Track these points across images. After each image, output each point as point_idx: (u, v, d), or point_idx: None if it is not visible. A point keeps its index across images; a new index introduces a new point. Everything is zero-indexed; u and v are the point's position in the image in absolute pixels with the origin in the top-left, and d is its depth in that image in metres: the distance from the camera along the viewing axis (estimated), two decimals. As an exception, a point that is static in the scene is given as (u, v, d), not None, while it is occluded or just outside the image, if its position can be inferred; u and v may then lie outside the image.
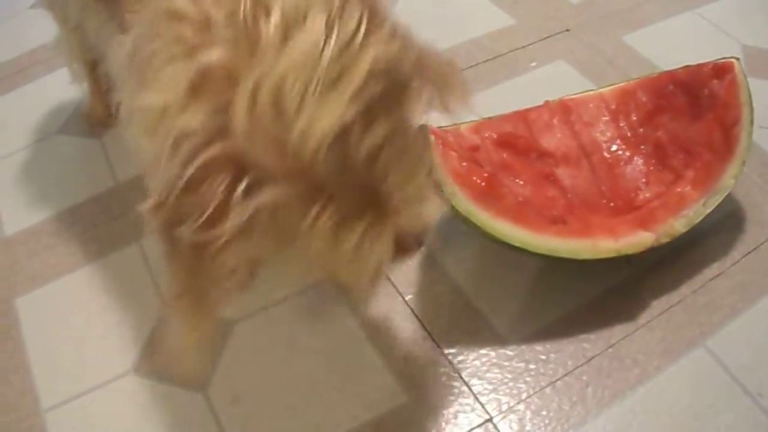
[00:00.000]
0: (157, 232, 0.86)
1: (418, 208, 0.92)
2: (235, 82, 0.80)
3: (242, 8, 0.83)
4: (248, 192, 0.81)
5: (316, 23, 0.82)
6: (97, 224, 1.66)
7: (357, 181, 0.84)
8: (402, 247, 1.00)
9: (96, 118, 1.89)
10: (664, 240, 1.40)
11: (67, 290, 1.55)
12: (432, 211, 0.94)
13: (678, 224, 1.40)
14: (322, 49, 0.80)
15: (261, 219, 0.82)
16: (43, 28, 1.79)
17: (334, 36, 0.82)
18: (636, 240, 1.39)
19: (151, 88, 0.86)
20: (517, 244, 1.36)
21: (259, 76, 0.79)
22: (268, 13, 0.82)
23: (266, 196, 0.81)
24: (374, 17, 0.86)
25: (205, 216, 0.81)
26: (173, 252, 0.87)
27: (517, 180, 1.48)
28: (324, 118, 0.79)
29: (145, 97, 0.86)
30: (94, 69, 1.80)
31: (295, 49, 0.80)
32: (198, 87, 0.82)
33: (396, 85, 0.88)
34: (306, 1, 0.84)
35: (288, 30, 0.82)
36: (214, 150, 0.80)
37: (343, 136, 0.81)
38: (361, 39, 0.83)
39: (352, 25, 0.83)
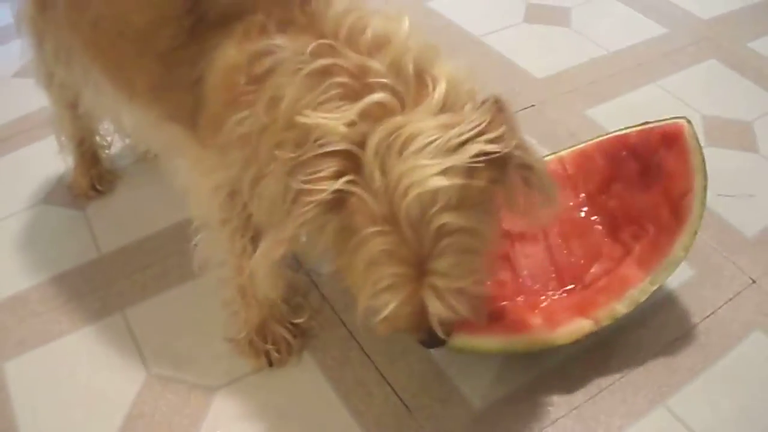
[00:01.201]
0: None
1: (444, 312, 1.10)
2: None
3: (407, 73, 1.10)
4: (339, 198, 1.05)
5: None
6: (82, 294, 1.70)
7: (417, 244, 1.04)
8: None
9: (79, 189, 1.94)
10: (606, 322, 1.45)
11: (54, 356, 1.59)
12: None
13: (621, 306, 1.45)
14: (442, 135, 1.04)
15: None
16: (27, 98, 1.84)
17: (456, 128, 1.04)
18: (573, 328, 1.45)
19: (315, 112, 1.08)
20: (452, 347, 1.42)
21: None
22: (433, 86, 1.10)
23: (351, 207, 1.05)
24: (498, 124, 1.06)
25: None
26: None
27: None
28: (418, 179, 1.01)
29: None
30: (81, 144, 1.88)
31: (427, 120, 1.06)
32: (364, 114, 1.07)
33: (487, 189, 1.07)
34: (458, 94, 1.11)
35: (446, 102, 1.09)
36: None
37: (426, 202, 1.02)
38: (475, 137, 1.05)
39: (476, 123, 1.05)
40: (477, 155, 1.02)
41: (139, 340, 1.60)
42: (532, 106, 2.14)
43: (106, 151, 1.96)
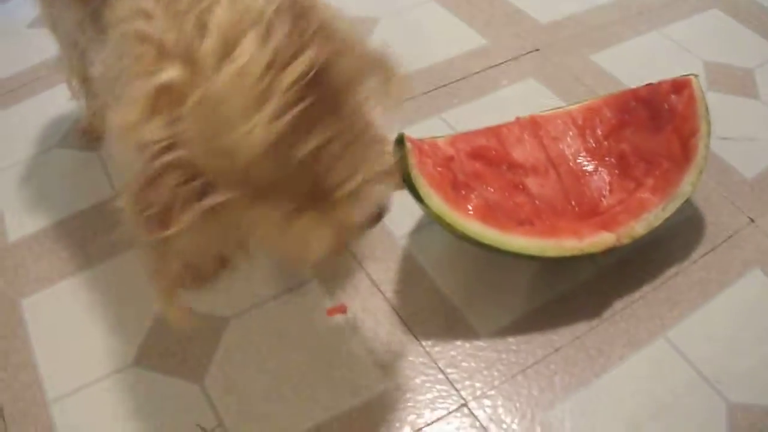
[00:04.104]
0: (129, 219, 0.98)
1: (364, 198, 1.03)
2: (184, 98, 0.92)
3: (186, 31, 0.95)
4: (198, 194, 0.94)
5: (248, 41, 0.92)
6: (97, 231, 1.74)
7: (297, 181, 0.96)
8: (350, 232, 1.09)
9: (93, 132, 1.95)
10: (626, 241, 1.49)
11: (71, 291, 1.63)
12: (381, 198, 1.07)
13: (638, 227, 1.50)
14: (253, 66, 0.91)
15: (209, 217, 0.94)
16: (41, 46, 1.87)
17: (264, 52, 0.92)
18: (599, 240, 1.48)
19: (120, 105, 0.97)
20: (486, 242, 1.45)
21: (202, 93, 0.91)
22: (204, 36, 0.94)
23: (214, 199, 0.93)
24: (305, 25, 0.96)
25: (158, 211, 0.94)
26: (141, 239, 0.99)
27: (488, 187, 1.56)
28: (256, 130, 0.90)
29: (114, 115, 0.97)
30: (91, 86, 1.87)
31: (230, 68, 0.91)
32: (156, 103, 0.93)
33: (334, 87, 0.98)
34: (239, 19, 0.94)
35: (226, 48, 0.92)
36: (170, 156, 0.92)
37: (278, 143, 0.91)
38: (291, 51, 0.93)
39: (280, 37, 0.93)
40: (290, 87, 0.92)
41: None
42: (537, 50, 2.16)
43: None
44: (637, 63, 2.07)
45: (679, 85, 1.63)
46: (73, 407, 1.45)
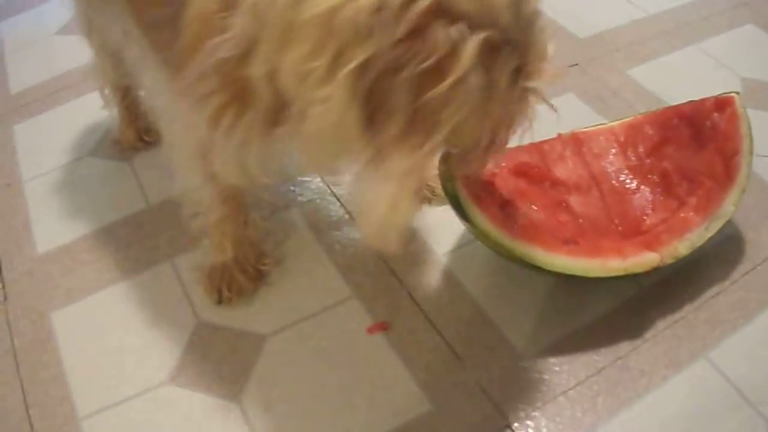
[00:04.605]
0: (368, 88, 0.93)
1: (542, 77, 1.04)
2: None
3: None
4: (463, 38, 0.91)
5: None
6: (130, 244, 1.73)
7: (526, 35, 0.97)
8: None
9: (127, 142, 1.96)
10: (669, 261, 1.47)
11: (103, 305, 1.62)
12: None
13: (681, 247, 1.48)
14: None
15: (471, 64, 0.92)
16: (70, 54, 1.86)
17: None
18: (642, 260, 1.46)
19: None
20: (531, 262, 1.43)
21: None
22: None
23: (476, 40, 0.91)
24: None
25: (432, 60, 0.91)
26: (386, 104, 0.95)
27: (532, 205, 1.54)
28: None
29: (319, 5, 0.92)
30: (126, 95, 1.87)
31: None
32: None
33: None
34: None
35: None
36: (425, 2, 0.89)
37: None
38: None
39: None
40: None
41: (188, 289, 1.63)
42: (576, 65, 2.15)
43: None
44: (674, 78, 2.05)
45: (722, 103, 1.61)
46: (104, 425, 1.44)
